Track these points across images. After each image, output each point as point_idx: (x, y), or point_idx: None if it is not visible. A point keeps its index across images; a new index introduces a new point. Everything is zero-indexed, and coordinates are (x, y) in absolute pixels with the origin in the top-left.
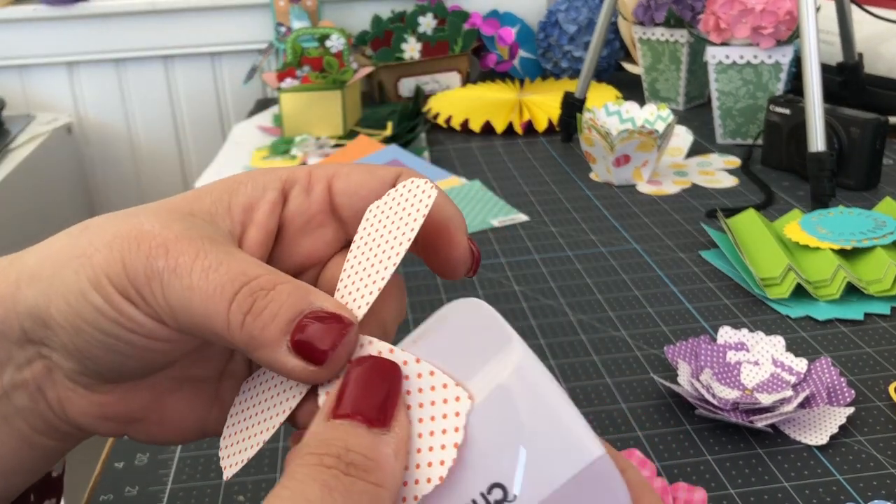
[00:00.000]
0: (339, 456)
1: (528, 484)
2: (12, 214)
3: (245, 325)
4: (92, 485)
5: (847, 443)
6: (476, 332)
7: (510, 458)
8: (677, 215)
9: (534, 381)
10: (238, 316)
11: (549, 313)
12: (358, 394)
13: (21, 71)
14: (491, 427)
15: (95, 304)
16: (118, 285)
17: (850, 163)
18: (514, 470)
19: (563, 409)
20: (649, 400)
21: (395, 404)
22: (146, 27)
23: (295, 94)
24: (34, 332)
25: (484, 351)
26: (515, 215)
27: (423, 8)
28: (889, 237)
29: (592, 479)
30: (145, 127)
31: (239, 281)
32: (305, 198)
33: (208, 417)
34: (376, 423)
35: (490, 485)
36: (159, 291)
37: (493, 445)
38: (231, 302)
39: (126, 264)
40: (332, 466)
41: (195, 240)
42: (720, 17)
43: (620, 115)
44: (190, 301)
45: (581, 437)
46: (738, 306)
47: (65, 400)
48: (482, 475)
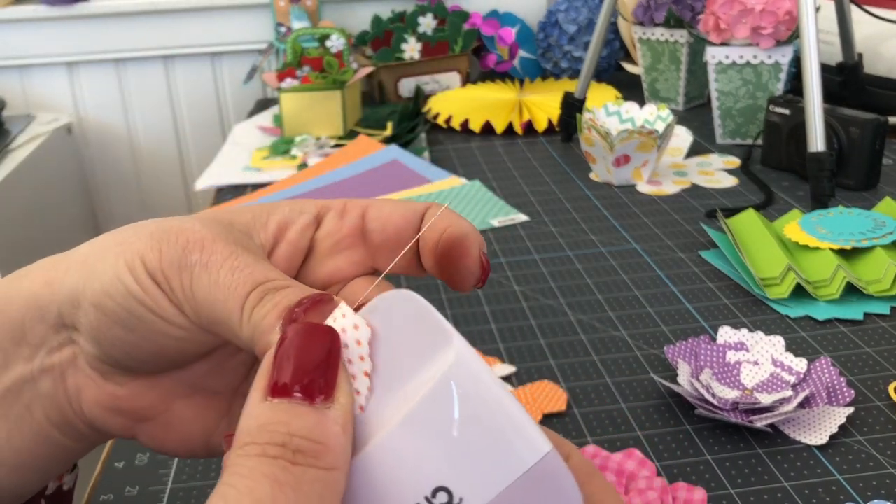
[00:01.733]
0: (283, 444)
1: (473, 485)
2: (12, 214)
3: (252, 316)
4: (92, 485)
5: (847, 443)
6: (411, 326)
7: (453, 459)
8: (677, 215)
9: (474, 378)
10: (248, 310)
11: (549, 313)
12: (294, 364)
13: (21, 71)
14: (431, 427)
15: (126, 283)
16: (151, 270)
17: (849, 163)
18: (458, 471)
19: (507, 406)
20: (649, 400)
21: (336, 371)
22: (146, 27)
23: (295, 94)
24: (69, 315)
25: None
26: (515, 215)
27: (423, 8)
28: (889, 237)
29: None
30: (145, 127)
31: (258, 281)
32: (338, 221)
33: (215, 432)
34: (318, 396)
35: (434, 488)
36: (188, 282)
37: (434, 447)
38: (246, 298)
39: (163, 252)
40: (278, 456)
41: (230, 243)
42: (720, 18)
43: (620, 116)
44: (213, 294)
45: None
46: (738, 306)
47: (82, 388)
48: (425, 478)
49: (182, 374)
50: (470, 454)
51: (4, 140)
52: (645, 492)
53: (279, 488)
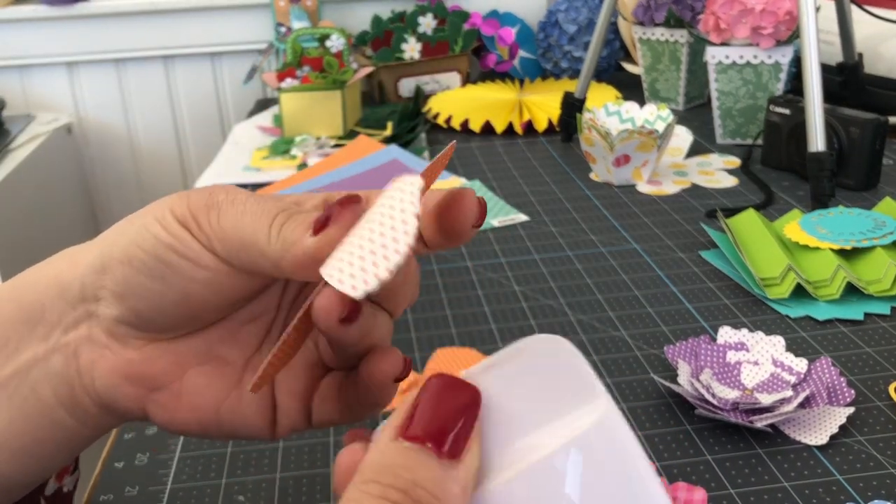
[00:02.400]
0: (405, 490)
1: None
2: (12, 214)
3: (281, 233)
4: (92, 485)
5: (847, 443)
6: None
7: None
8: (677, 215)
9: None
10: (276, 228)
11: (549, 313)
12: (431, 415)
13: (21, 71)
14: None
15: (155, 232)
16: (179, 216)
17: (849, 163)
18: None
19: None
20: (649, 400)
21: (470, 431)
22: (146, 27)
23: (295, 94)
24: (91, 284)
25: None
26: (515, 215)
27: (423, 8)
28: (889, 237)
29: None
30: (145, 127)
31: (284, 207)
32: None
33: (224, 403)
34: (448, 454)
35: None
36: (215, 218)
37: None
38: (274, 217)
39: (191, 199)
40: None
41: (254, 192)
42: (720, 18)
43: (620, 115)
44: (242, 221)
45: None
46: (738, 306)
47: (97, 360)
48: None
49: (196, 342)
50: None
51: (4, 140)
52: None
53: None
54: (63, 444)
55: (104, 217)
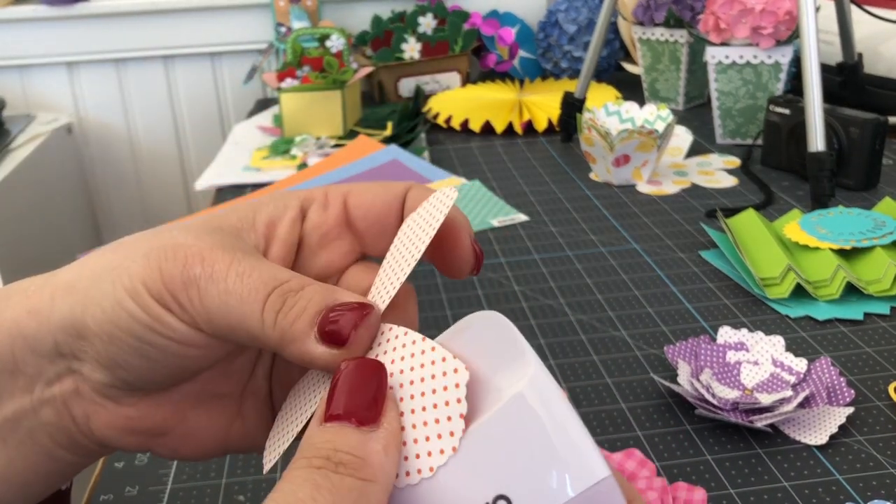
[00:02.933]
0: (328, 457)
1: (531, 498)
2: (12, 214)
3: (277, 322)
4: (92, 485)
5: (847, 443)
6: (493, 343)
7: (518, 470)
8: (677, 215)
9: (546, 396)
10: (271, 314)
11: (549, 313)
12: (346, 395)
13: (21, 71)
14: (502, 436)
15: (131, 311)
16: (154, 293)
17: (849, 163)
18: (520, 483)
19: (573, 427)
20: (649, 400)
21: (383, 401)
22: (146, 27)
23: (295, 94)
24: (66, 344)
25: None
26: (515, 215)
27: (423, 8)
28: (888, 237)
29: (596, 498)
30: (145, 127)
31: (271, 284)
32: (322, 213)
33: (230, 433)
34: (365, 421)
35: (496, 496)
36: (196, 297)
37: (502, 456)
38: (265, 302)
39: (163, 272)
40: (321, 467)
41: (228, 249)
42: (720, 18)
43: (620, 115)
44: (227, 304)
45: (589, 456)
46: (738, 306)
47: (91, 414)
48: (490, 484)
49: (191, 386)
50: (532, 470)
51: (4, 140)
52: (645, 492)
53: (317, 490)
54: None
55: (104, 217)
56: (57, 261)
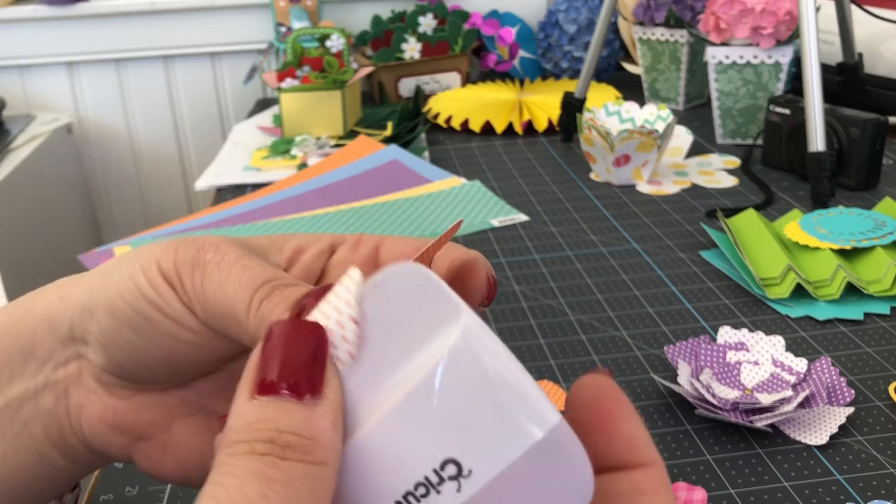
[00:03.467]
0: (271, 440)
1: (483, 457)
2: (12, 214)
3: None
4: (92, 485)
5: (847, 443)
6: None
7: (463, 430)
8: (677, 215)
9: (484, 349)
10: (257, 302)
11: (549, 313)
12: (281, 360)
13: (21, 71)
14: (441, 398)
15: (139, 284)
16: (165, 271)
17: (849, 163)
18: (467, 443)
19: (518, 378)
20: (649, 400)
21: (324, 366)
22: (146, 27)
23: (295, 94)
24: (79, 325)
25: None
26: (515, 215)
27: (423, 8)
28: (889, 237)
29: (551, 447)
30: (145, 127)
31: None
32: (351, 251)
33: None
34: (307, 393)
35: (443, 460)
36: (199, 280)
37: (444, 418)
38: (255, 291)
39: (178, 253)
40: (267, 453)
41: (244, 249)
42: (720, 17)
43: (620, 115)
44: (224, 290)
45: (537, 404)
46: (738, 306)
47: (85, 404)
48: (434, 450)
49: (185, 393)
50: (479, 426)
51: (4, 140)
52: None
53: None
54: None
55: (104, 217)
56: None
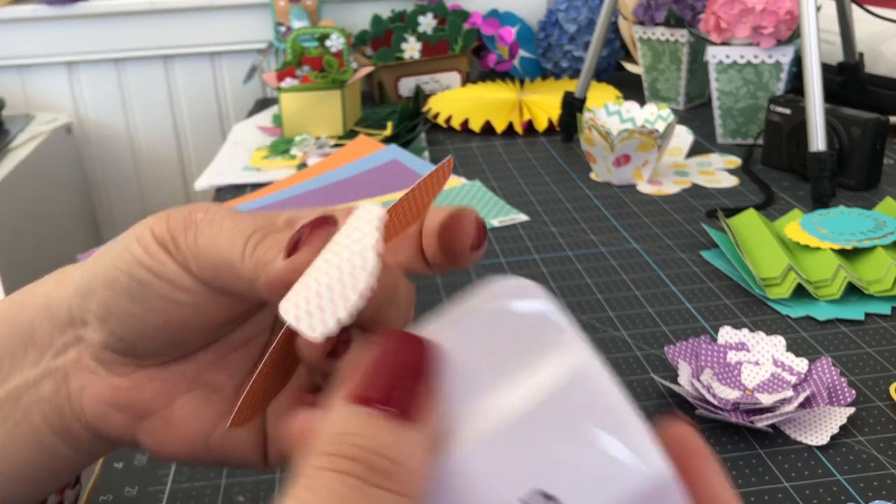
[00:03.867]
0: (359, 459)
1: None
2: (12, 214)
3: (254, 253)
4: (92, 485)
5: (848, 443)
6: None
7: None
8: (677, 215)
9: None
10: (250, 248)
11: None
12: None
13: (21, 71)
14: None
15: (134, 252)
16: (158, 236)
17: (850, 163)
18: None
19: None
20: (649, 400)
21: (429, 392)
22: (146, 27)
23: (295, 94)
24: (77, 307)
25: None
26: (515, 215)
27: (423, 8)
28: (889, 237)
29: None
30: (145, 127)
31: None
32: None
33: (214, 433)
34: (406, 416)
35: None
36: (192, 237)
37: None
38: (248, 238)
39: (170, 217)
40: (351, 473)
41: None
42: (720, 17)
43: (621, 115)
44: (216, 242)
45: (646, 448)
46: (739, 306)
47: (86, 385)
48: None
49: (185, 367)
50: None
51: (4, 140)
52: None
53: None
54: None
55: (104, 217)
56: (57, 260)
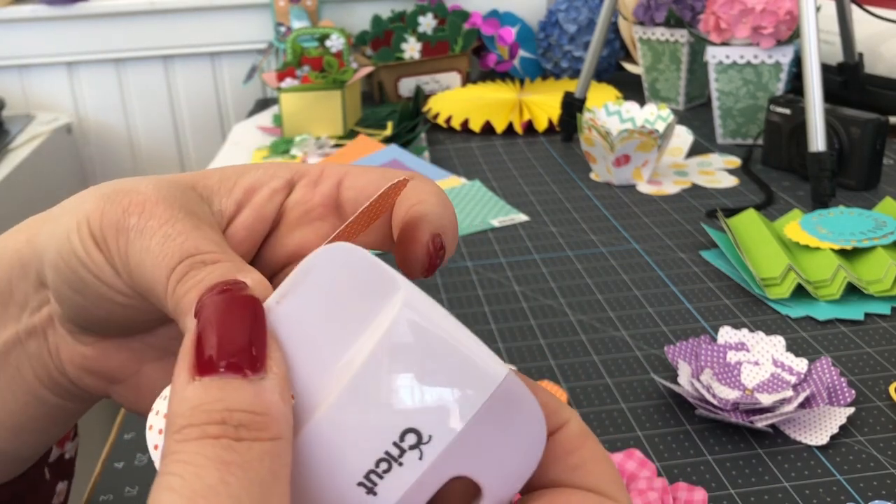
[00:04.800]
0: (223, 421)
1: (439, 420)
2: (12, 214)
3: (175, 291)
4: (92, 485)
5: (847, 443)
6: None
7: (417, 398)
8: (677, 215)
9: (425, 315)
10: (173, 283)
11: (549, 313)
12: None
13: (21, 71)
14: (392, 370)
15: (73, 244)
16: (94, 231)
17: (850, 163)
18: (423, 410)
19: (462, 339)
20: (649, 400)
21: (264, 339)
22: (146, 27)
23: (295, 94)
24: (41, 272)
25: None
26: (515, 215)
27: (423, 8)
28: (889, 237)
29: (503, 401)
30: (145, 127)
31: (187, 253)
32: (310, 189)
33: None
34: (250, 369)
35: (402, 431)
36: (123, 246)
37: (397, 390)
38: (172, 270)
39: (104, 213)
40: (220, 435)
41: (174, 208)
42: (720, 17)
43: (620, 115)
44: (143, 261)
45: (483, 361)
46: (739, 306)
47: (61, 347)
48: (392, 423)
49: (150, 338)
50: (431, 392)
51: (4, 140)
52: (645, 492)
53: (227, 469)
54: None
55: None
56: None
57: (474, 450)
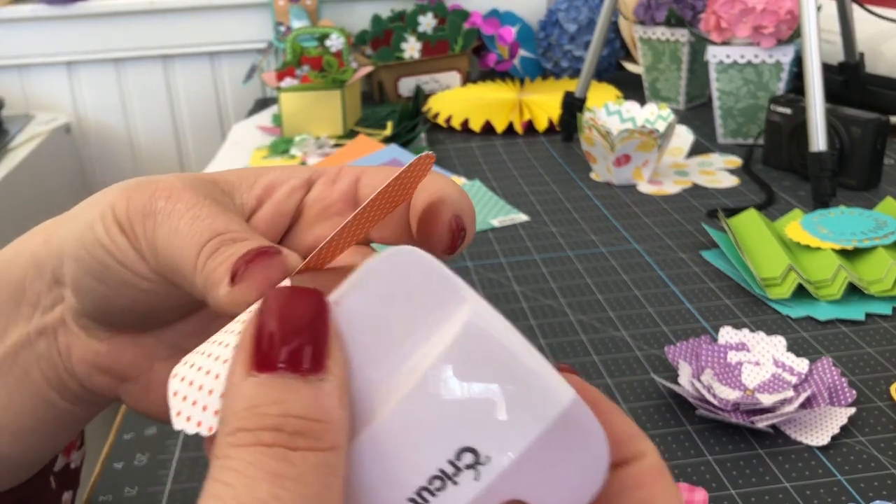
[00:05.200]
0: (277, 427)
1: (499, 441)
2: (11, 214)
3: (206, 266)
4: (92, 485)
5: (848, 443)
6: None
7: (477, 415)
8: (678, 215)
9: (491, 331)
10: (203, 259)
11: (549, 313)
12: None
13: (20, 71)
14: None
15: (97, 231)
16: (119, 218)
17: (851, 163)
18: (483, 429)
19: (528, 359)
20: (650, 400)
21: (326, 338)
22: (146, 27)
23: (294, 94)
24: (58, 269)
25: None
26: (515, 215)
27: (423, 7)
28: (890, 237)
29: (567, 425)
30: (145, 127)
31: (217, 231)
32: (328, 186)
33: None
34: (310, 369)
35: (458, 449)
36: (150, 228)
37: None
38: (202, 246)
39: (131, 200)
40: (274, 444)
41: (199, 195)
42: (721, 17)
43: (621, 115)
44: (172, 242)
45: (549, 383)
46: (739, 306)
47: (71, 345)
48: (448, 440)
49: (164, 335)
50: (493, 410)
51: (4, 140)
52: None
53: (279, 483)
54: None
55: None
56: None
57: (532, 474)
